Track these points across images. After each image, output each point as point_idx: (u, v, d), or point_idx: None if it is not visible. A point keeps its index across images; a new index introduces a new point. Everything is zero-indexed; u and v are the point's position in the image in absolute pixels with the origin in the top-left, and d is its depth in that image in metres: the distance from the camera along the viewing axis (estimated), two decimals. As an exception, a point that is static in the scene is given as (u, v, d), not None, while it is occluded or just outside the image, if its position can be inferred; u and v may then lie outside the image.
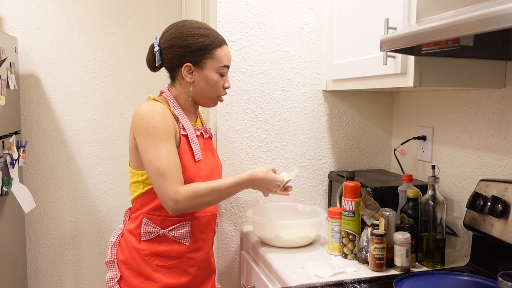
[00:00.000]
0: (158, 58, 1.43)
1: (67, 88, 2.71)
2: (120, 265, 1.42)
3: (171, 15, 2.84)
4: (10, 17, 2.59)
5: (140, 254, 1.39)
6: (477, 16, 0.82)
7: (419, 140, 1.79)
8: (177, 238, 1.39)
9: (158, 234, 1.38)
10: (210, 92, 1.43)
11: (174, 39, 1.39)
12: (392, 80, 1.42)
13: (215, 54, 1.40)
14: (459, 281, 1.27)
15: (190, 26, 1.40)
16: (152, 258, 1.38)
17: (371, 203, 1.41)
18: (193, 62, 1.39)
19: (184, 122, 1.41)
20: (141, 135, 1.31)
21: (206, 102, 1.46)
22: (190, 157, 1.39)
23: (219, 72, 1.42)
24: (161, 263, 1.38)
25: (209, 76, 1.40)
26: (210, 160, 1.48)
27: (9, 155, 2.22)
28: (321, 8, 1.88)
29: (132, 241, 1.40)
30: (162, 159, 1.29)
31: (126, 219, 1.49)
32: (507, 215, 1.26)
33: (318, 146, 1.94)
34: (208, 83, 1.41)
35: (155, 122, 1.30)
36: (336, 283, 1.28)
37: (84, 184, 2.78)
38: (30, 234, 2.71)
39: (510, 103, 1.40)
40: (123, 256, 1.42)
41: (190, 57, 1.39)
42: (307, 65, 1.89)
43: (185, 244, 1.40)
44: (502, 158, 1.43)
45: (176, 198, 1.28)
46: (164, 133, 1.31)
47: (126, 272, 1.40)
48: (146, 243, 1.39)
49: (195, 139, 1.42)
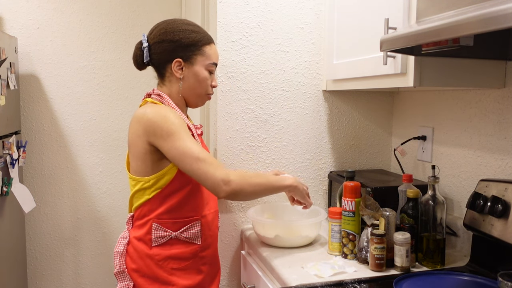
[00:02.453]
0: (147, 54, 1.40)
1: (67, 88, 2.71)
2: (132, 274, 1.38)
3: (171, 15, 2.84)
4: (10, 17, 2.59)
5: (153, 259, 1.36)
6: (477, 16, 0.82)
7: (419, 140, 1.79)
8: (189, 239, 1.39)
9: (170, 238, 1.37)
10: (199, 88, 1.42)
11: (164, 34, 1.38)
12: (392, 80, 1.42)
13: (205, 50, 1.41)
14: (459, 281, 1.27)
15: (180, 22, 1.41)
16: (166, 262, 1.37)
17: (371, 203, 1.41)
18: (183, 57, 1.39)
19: (186, 121, 1.42)
20: (162, 136, 1.29)
21: (194, 100, 1.45)
22: None
23: (208, 69, 1.42)
24: (176, 265, 1.38)
25: (199, 72, 1.40)
26: None
27: (9, 155, 2.23)
28: (321, 8, 1.88)
29: (143, 248, 1.37)
30: (196, 148, 1.28)
31: (129, 226, 1.45)
32: (507, 215, 1.26)
33: (318, 146, 1.94)
34: (197, 80, 1.41)
35: (172, 120, 1.30)
36: (336, 283, 1.28)
37: (84, 184, 2.78)
38: (30, 234, 2.71)
39: (510, 103, 1.40)
40: (135, 264, 1.38)
41: (181, 52, 1.39)
42: (307, 65, 1.89)
43: (197, 244, 1.41)
44: (502, 158, 1.43)
45: (228, 179, 1.27)
46: (184, 127, 1.32)
47: (140, 280, 1.37)
48: (158, 248, 1.37)
49: (198, 139, 1.43)
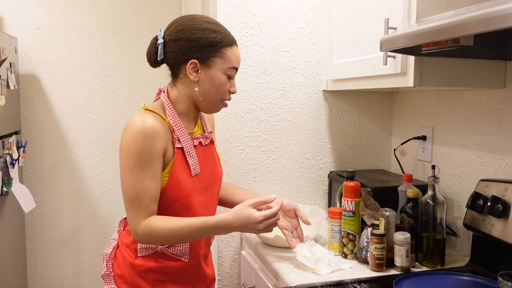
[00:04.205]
0: (161, 51, 1.28)
1: (67, 88, 2.71)
2: (117, 279, 1.34)
3: (171, 15, 2.84)
4: (10, 17, 2.59)
5: (136, 269, 1.31)
6: (477, 16, 0.82)
7: (419, 140, 1.79)
8: (175, 255, 1.31)
9: (156, 251, 1.30)
10: (215, 94, 1.28)
11: (182, 32, 1.25)
12: (392, 80, 1.42)
13: (225, 53, 1.26)
14: (459, 281, 1.27)
15: (201, 19, 1.27)
16: (149, 273, 1.30)
17: (371, 203, 1.41)
18: (200, 59, 1.25)
19: (180, 133, 1.28)
20: (122, 153, 1.22)
21: (207, 106, 1.32)
22: (186, 171, 1.28)
23: (226, 73, 1.28)
24: (159, 278, 1.31)
25: (216, 76, 1.26)
26: (210, 169, 1.37)
27: (9, 155, 2.22)
28: (321, 8, 1.88)
29: (128, 255, 1.32)
30: (135, 186, 1.21)
31: (121, 229, 1.40)
32: (507, 215, 1.26)
33: (318, 146, 1.94)
34: (213, 84, 1.27)
35: (138, 145, 1.20)
36: (336, 283, 1.28)
37: (84, 184, 2.78)
38: (30, 234, 2.71)
39: (510, 103, 1.40)
40: (120, 270, 1.34)
41: (197, 53, 1.25)
42: (307, 65, 1.89)
43: (184, 261, 1.32)
44: (502, 158, 1.43)
45: (136, 231, 1.22)
46: (146, 157, 1.20)
47: (123, 286, 1.32)
48: (143, 259, 1.30)
49: (192, 151, 1.30)
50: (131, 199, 1.21)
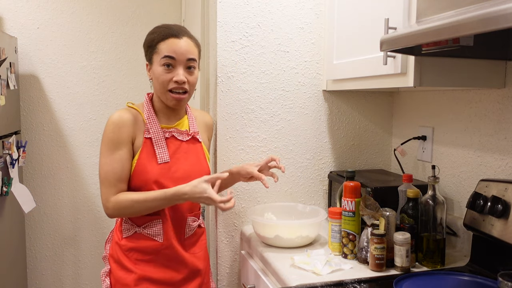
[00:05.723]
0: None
1: (67, 88, 2.71)
2: (110, 258, 1.52)
3: (171, 15, 2.84)
4: (10, 17, 2.59)
5: (121, 248, 1.48)
6: (477, 16, 0.82)
7: (419, 140, 1.79)
8: (150, 235, 1.46)
9: (135, 231, 1.47)
10: (159, 86, 1.45)
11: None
12: (392, 80, 1.42)
13: (159, 47, 1.43)
14: (459, 281, 1.27)
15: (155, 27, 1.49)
16: (131, 252, 1.47)
17: (371, 203, 1.41)
18: (148, 60, 1.48)
19: (151, 125, 1.46)
20: (101, 141, 1.44)
21: (165, 100, 1.47)
22: (153, 159, 1.44)
23: (162, 63, 1.42)
24: (140, 257, 1.46)
25: (156, 70, 1.44)
26: (189, 162, 1.49)
27: (9, 155, 2.23)
28: (321, 8, 1.88)
29: (117, 237, 1.52)
30: (104, 167, 1.41)
31: None
32: (507, 215, 1.26)
33: (318, 146, 1.94)
34: (156, 78, 1.44)
35: (108, 132, 1.42)
36: (336, 283, 1.28)
37: (84, 184, 2.78)
38: (30, 234, 2.71)
39: (510, 103, 1.40)
40: (111, 250, 1.53)
41: (146, 56, 1.49)
42: (307, 65, 1.89)
43: (159, 241, 1.46)
44: (502, 158, 1.43)
45: (107, 206, 1.41)
46: (114, 143, 1.41)
47: (113, 265, 1.50)
48: (126, 240, 1.48)
49: (161, 142, 1.45)
50: (102, 179, 1.42)
